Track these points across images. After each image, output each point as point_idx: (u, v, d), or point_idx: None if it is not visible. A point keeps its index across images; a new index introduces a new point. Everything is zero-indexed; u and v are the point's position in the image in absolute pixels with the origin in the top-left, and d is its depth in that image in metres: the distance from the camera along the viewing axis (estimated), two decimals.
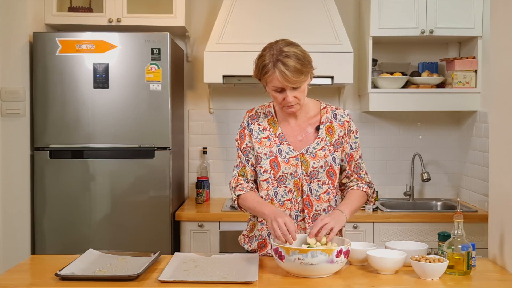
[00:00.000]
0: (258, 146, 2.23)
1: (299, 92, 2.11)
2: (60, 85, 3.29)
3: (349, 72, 3.50)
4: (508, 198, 2.11)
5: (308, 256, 1.87)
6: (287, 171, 2.19)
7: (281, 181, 2.21)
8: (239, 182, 2.26)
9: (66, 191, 3.31)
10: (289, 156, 2.20)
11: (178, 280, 1.88)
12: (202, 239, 3.42)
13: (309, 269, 1.90)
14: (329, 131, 2.23)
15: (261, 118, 2.27)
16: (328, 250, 1.89)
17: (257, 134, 2.24)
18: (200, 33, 3.98)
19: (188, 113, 4.01)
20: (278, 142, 2.22)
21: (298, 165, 2.19)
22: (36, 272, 2.09)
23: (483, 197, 3.51)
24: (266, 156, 2.21)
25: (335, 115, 2.26)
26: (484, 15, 3.55)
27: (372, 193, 2.30)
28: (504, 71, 2.17)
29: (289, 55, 2.04)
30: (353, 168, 2.27)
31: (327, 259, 1.89)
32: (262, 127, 2.25)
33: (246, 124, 2.27)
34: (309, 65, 2.10)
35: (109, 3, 3.54)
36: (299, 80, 2.06)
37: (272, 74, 2.05)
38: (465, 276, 1.98)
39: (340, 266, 1.96)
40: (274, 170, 2.20)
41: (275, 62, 2.04)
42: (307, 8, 3.56)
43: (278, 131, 2.24)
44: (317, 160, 2.19)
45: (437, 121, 4.01)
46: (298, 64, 2.04)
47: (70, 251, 3.05)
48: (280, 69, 2.03)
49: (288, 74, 2.02)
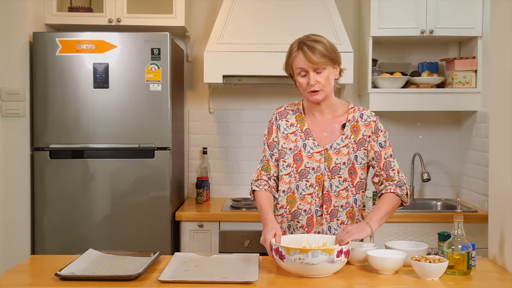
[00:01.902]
0: (284, 141, 2.29)
1: (322, 78, 2.18)
2: (60, 85, 3.29)
3: (349, 72, 3.49)
4: (508, 198, 2.11)
5: (309, 256, 1.88)
6: (309, 166, 2.24)
7: (303, 175, 2.25)
8: (260, 177, 2.33)
9: (66, 191, 3.31)
10: (313, 151, 2.25)
11: (178, 280, 1.88)
12: (202, 239, 3.42)
13: (309, 268, 1.90)
14: (354, 130, 2.27)
15: (289, 114, 2.34)
16: (328, 250, 1.89)
17: (284, 130, 2.31)
18: (200, 33, 3.98)
19: (188, 113, 4.01)
20: (303, 137, 2.28)
21: (321, 160, 2.24)
22: (36, 272, 2.09)
23: (483, 197, 3.51)
24: (291, 150, 2.27)
25: (362, 115, 2.29)
26: (484, 15, 3.55)
27: (406, 194, 2.25)
28: (504, 71, 2.17)
29: (315, 39, 2.19)
30: (382, 166, 2.26)
31: (327, 259, 1.89)
32: (290, 123, 2.32)
33: (274, 120, 2.35)
34: (334, 53, 2.20)
35: (109, 3, 3.54)
36: (321, 62, 2.16)
37: (297, 55, 2.19)
38: (465, 276, 1.98)
39: (341, 265, 1.96)
40: (296, 164, 2.26)
41: (301, 45, 2.19)
42: (307, 8, 3.56)
43: (305, 126, 2.30)
44: (340, 156, 2.23)
45: (437, 121, 4.01)
46: (322, 48, 2.16)
47: (70, 251, 3.05)
48: (303, 49, 2.17)
49: (309, 53, 2.15)
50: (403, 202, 2.26)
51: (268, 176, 2.33)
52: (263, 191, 2.29)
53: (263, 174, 2.33)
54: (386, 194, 2.25)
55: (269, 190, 2.30)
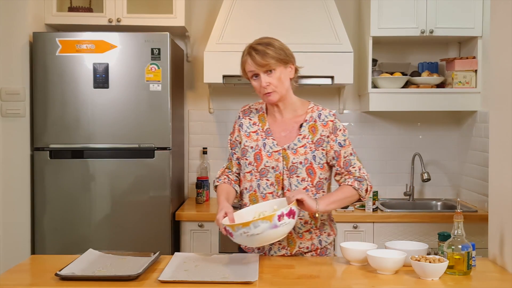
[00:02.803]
0: (246, 139, 2.33)
1: (274, 79, 2.20)
2: (60, 85, 3.29)
3: (349, 72, 3.50)
4: (508, 198, 2.11)
5: (251, 228, 1.94)
6: (269, 165, 2.26)
7: (263, 174, 2.27)
8: (223, 174, 2.40)
9: (66, 191, 3.31)
10: (272, 150, 2.27)
11: (178, 280, 1.88)
12: (202, 239, 3.42)
13: (256, 239, 1.96)
14: (312, 130, 2.27)
15: (253, 113, 2.37)
16: (268, 217, 1.94)
17: (247, 128, 2.35)
18: (200, 33, 3.98)
19: (188, 113, 4.01)
20: (264, 137, 2.31)
21: (279, 160, 2.26)
22: (36, 272, 2.09)
23: (483, 197, 3.51)
24: (252, 149, 2.30)
25: (320, 115, 2.29)
26: (484, 15, 3.55)
27: (366, 189, 2.24)
28: (504, 71, 2.17)
29: (262, 42, 2.22)
30: (342, 164, 2.27)
31: (269, 225, 1.93)
32: (253, 121, 2.35)
33: (237, 118, 2.40)
34: (283, 54, 2.21)
35: (109, 3, 3.54)
36: (269, 63, 2.17)
37: (246, 59, 2.22)
38: (465, 276, 1.98)
39: (288, 228, 1.99)
40: (257, 162, 2.29)
41: (250, 49, 2.22)
42: (307, 8, 3.56)
43: (266, 126, 2.33)
44: (297, 156, 2.25)
45: (437, 121, 4.01)
46: (268, 50, 2.19)
47: (70, 251, 3.04)
48: (251, 53, 2.20)
49: (257, 57, 2.18)
50: (361, 197, 2.26)
51: (230, 173, 2.40)
52: (222, 184, 2.37)
53: (225, 171, 2.41)
54: (343, 185, 2.26)
55: (229, 183, 2.37)
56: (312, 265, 2.15)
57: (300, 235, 2.27)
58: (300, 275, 2.00)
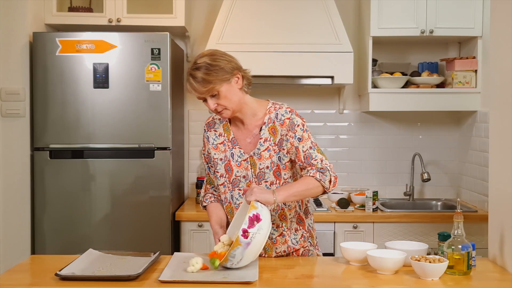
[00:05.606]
0: (214, 152, 2.29)
1: (221, 99, 2.13)
2: (60, 85, 3.29)
3: (349, 72, 3.50)
4: (508, 198, 2.11)
5: (232, 259, 1.94)
6: (239, 174, 2.24)
7: (235, 184, 2.25)
8: (207, 192, 2.39)
9: (66, 191, 3.31)
10: (241, 159, 2.24)
11: (178, 280, 1.88)
12: (202, 239, 3.42)
13: (246, 259, 1.95)
14: (273, 132, 2.22)
15: (217, 124, 2.33)
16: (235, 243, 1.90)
17: (213, 140, 2.30)
18: (200, 33, 3.98)
19: (188, 113, 4.01)
20: (231, 147, 2.26)
21: (248, 168, 2.23)
22: (36, 272, 2.09)
23: (483, 197, 3.51)
24: (222, 161, 2.27)
25: (277, 114, 2.22)
26: (484, 15, 3.55)
27: (330, 180, 2.13)
28: (504, 71, 2.17)
29: (199, 66, 2.10)
30: (303, 159, 2.18)
31: (243, 247, 1.92)
32: (218, 133, 2.31)
33: (204, 132, 2.35)
34: (220, 72, 2.10)
35: (109, 3, 3.53)
36: (208, 89, 2.09)
37: (188, 86, 2.13)
38: (465, 276, 1.98)
39: (262, 232, 1.95)
40: (228, 174, 2.26)
41: (188, 77, 2.13)
42: (307, 8, 3.56)
43: (231, 135, 2.28)
44: (263, 161, 2.20)
45: (437, 121, 4.01)
46: (205, 75, 2.08)
47: (70, 251, 3.04)
48: (190, 81, 2.11)
49: (195, 85, 2.10)
50: (325, 188, 2.13)
51: (213, 188, 2.39)
52: (210, 203, 2.35)
53: (208, 188, 2.40)
54: (304, 176, 2.16)
55: (216, 200, 2.36)
56: (312, 265, 2.15)
57: (274, 240, 2.25)
58: (300, 275, 2.00)
